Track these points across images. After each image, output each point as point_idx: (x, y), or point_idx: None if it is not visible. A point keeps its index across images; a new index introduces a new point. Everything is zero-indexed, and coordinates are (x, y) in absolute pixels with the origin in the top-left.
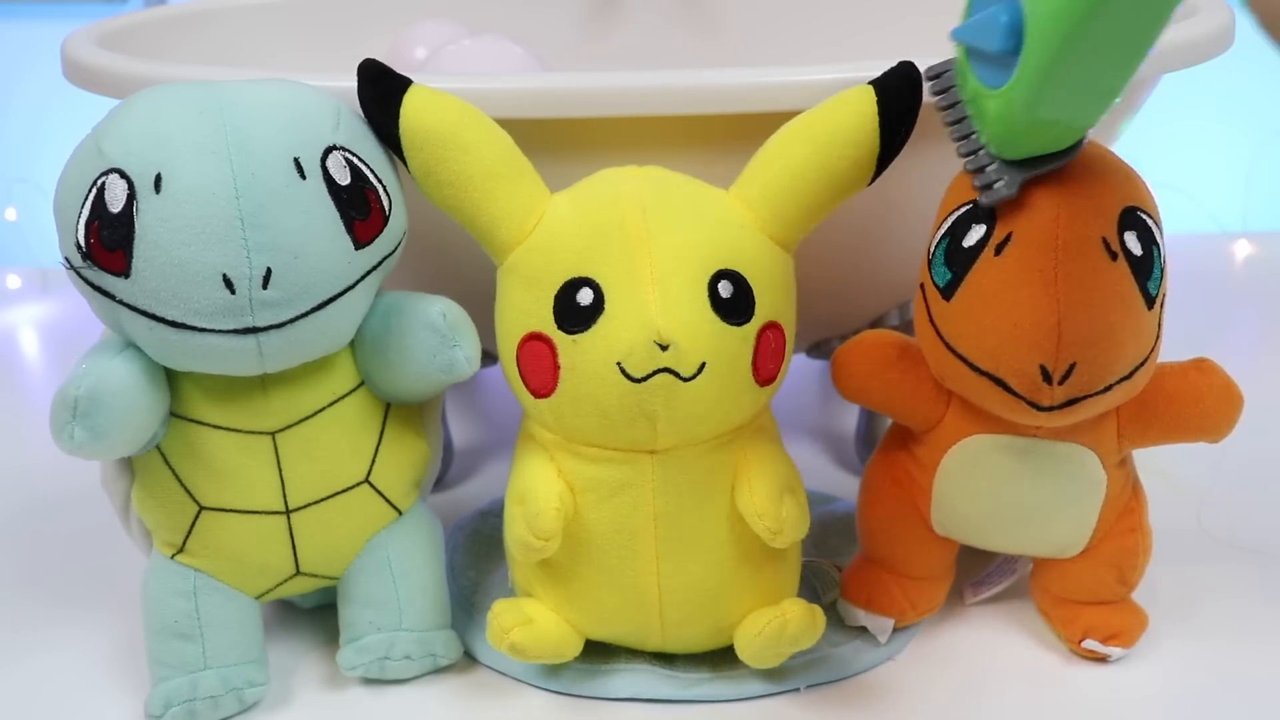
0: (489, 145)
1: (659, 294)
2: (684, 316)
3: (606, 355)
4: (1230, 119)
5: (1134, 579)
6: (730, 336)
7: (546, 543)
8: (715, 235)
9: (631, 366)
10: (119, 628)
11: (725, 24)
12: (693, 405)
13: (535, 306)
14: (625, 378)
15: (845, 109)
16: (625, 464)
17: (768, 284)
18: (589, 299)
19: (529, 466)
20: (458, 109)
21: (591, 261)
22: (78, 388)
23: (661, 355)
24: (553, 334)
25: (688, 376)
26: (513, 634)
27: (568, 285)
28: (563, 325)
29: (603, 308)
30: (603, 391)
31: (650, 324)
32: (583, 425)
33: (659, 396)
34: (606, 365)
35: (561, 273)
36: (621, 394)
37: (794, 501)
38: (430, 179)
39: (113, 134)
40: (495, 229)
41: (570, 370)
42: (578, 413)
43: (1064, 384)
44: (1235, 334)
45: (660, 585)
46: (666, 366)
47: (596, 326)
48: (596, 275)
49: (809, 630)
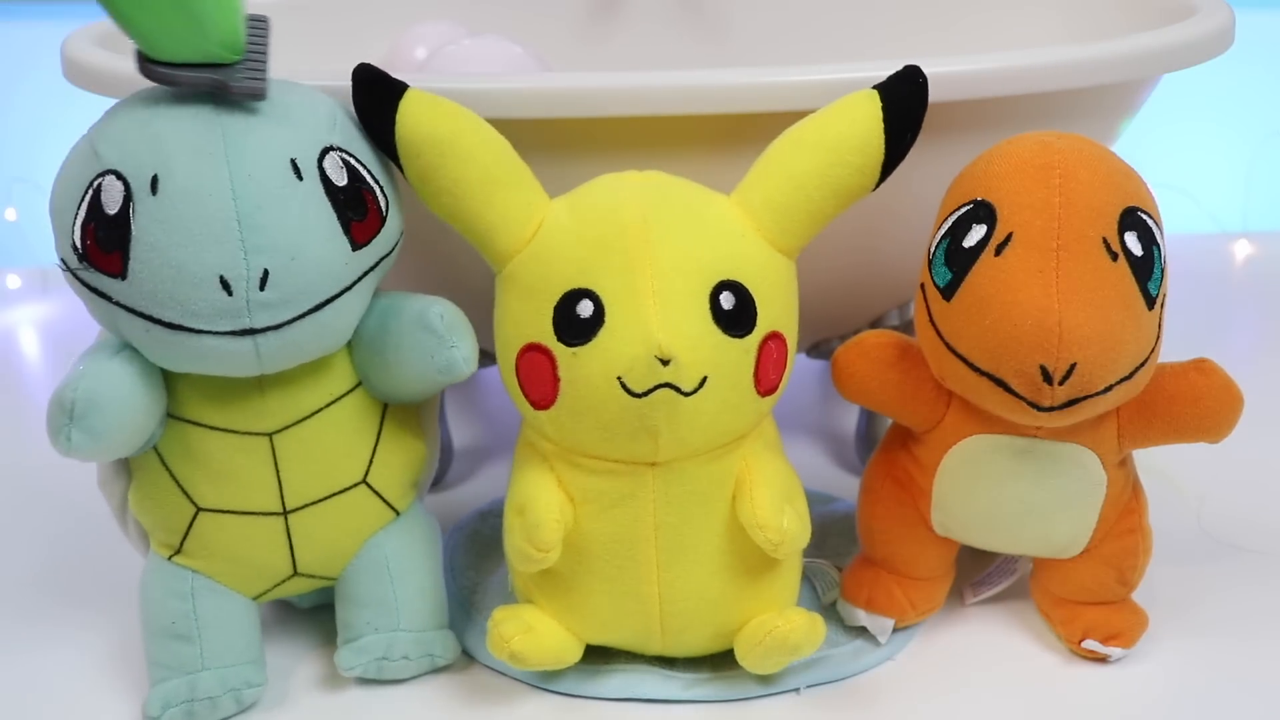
0: (487, 152)
1: (660, 307)
2: (685, 330)
3: (607, 369)
4: (1230, 119)
5: (1134, 579)
6: (732, 349)
7: (546, 554)
8: (717, 245)
9: (632, 381)
10: (117, 629)
11: (725, 24)
12: (694, 419)
13: (534, 317)
14: (626, 392)
15: (849, 114)
16: (626, 475)
17: (770, 293)
18: (589, 311)
19: (528, 477)
20: (454, 115)
21: (591, 273)
22: (74, 390)
23: (662, 370)
24: (552, 346)
25: (689, 391)
26: (513, 642)
27: (567, 296)
28: (562, 337)
29: (603, 320)
30: (603, 405)
31: (651, 338)
32: (583, 438)
33: (660, 411)
34: (607, 379)
35: (561, 283)
36: (622, 408)
37: (794, 512)
38: (427, 186)
39: (108, 135)
40: (493, 237)
41: (570, 383)
42: (578, 426)
43: (1064, 384)
44: (1235, 334)
45: (661, 594)
46: (667, 382)
47: (597, 340)
48: (596, 287)
49: (810, 639)
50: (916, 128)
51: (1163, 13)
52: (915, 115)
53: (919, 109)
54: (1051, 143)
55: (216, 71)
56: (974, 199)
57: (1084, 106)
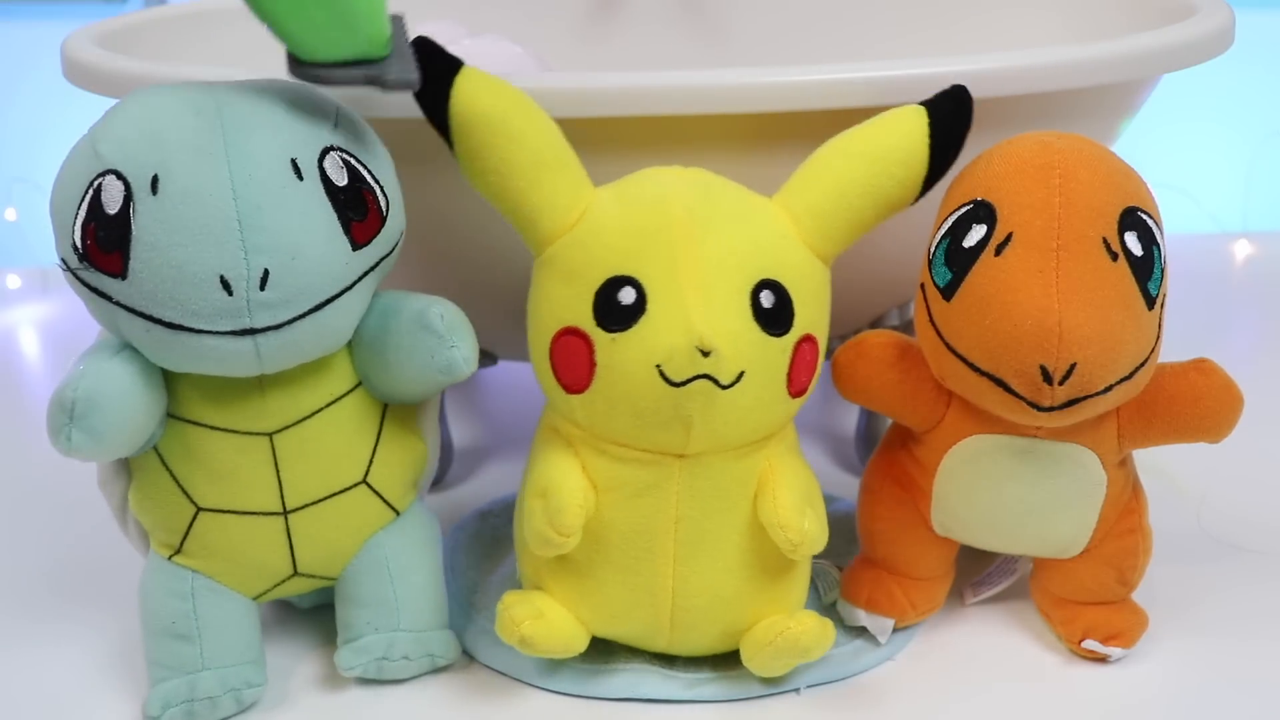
0: (537, 134)
1: (702, 299)
2: (726, 324)
3: (646, 357)
4: (1230, 119)
5: (1134, 579)
6: (769, 347)
7: (567, 539)
8: (760, 244)
9: (671, 370)
10: (117, 629)
11: (725, 24)
12: (728, 412)
13: (574, 301)
14: (664, 381)
15: (898, 128)
16: (652, 465)
17: (807, 296)
18: (631, 298)
19: (552, 460)
20: (509, 95)
21: (635, 260)
22: (74, 390)
23: (702, 361)
24: (591, 330)
25: (726, 384)
26: (524, 626)
27: (610, 283)
28: (602, 323)
29: (644, 308)
30: (639, 392)
31: (693, 329)
32: (614, 424)
33: (696, 402)
34: (645, 367)
35: (604, 269)
36: (658, 396)
37: (815, 515)
38: (475, 164)
39: (109, 135)
40: (538, 219)
41: (607, 368)
42: (611, 412)
43: (1064, 384)
44: (1235, 334)
45: (674, 588)
46: (706, 373)
47: (637, 327)
48: (640, 275)
49: (820, 642)
50: (960, 144)
51: (1163, 13)
52: (959, 132)
53: (963, 127)
54: (1051, 143)
55: (368, 68)
56: (974, 199)
57: (1084, 106)
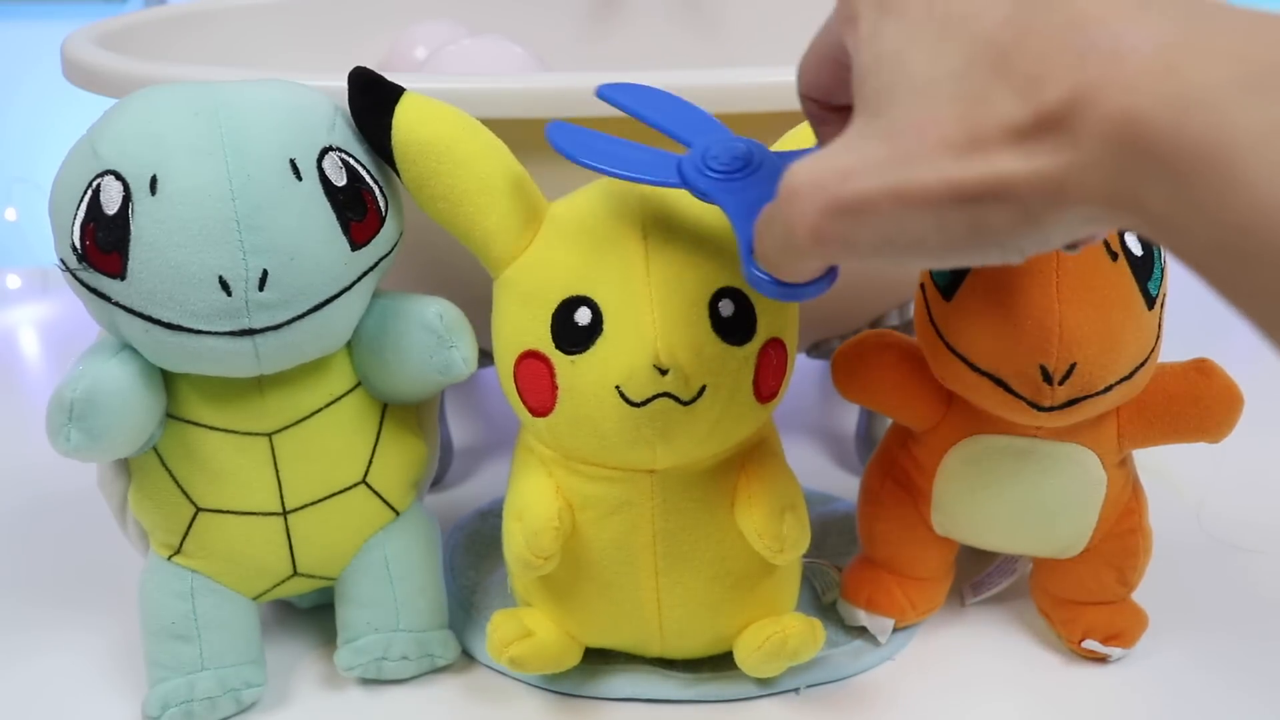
0: (484, 159)
1: (660, 315)
2: (684, 339)
3: (605, 378)
4: None
5: (1134, 579)
6: (731, 357)
7: (545, 561)
8: (716, 253)
9: (631, 390)
10: (116, 629)
11: (725, 24)
12: (693, 428)
13: (532, 324)
14: (624, 401)
15: None
16: (624, 482)
17: (768, 301)
18: (587, 319)
19: (527, 483)
20: (452, 120)
21: (590, 280)
22: (74, 390)
23: (661, 379)
24: (550, 353)
25: (687, 400)
26: (512, 648)
27: (565, 304)
28: (560, 345)
29: (601, 328)
30: (601, 414)
31: (650, 347)
32: (581, 445)
33: (658, 421)
34: (605, 388)
35: (559, 290)
36: (620, 417)
37: (795, 518)
38: (423, 192)
39: (108, 135)
40: (491, 243)
41: (568, 391)
42: (576, 433)
43: (1064, 384)
44: (1235, 334)
45: (660, 600)
46: (666, 391)
47: (595, 348)
48: (594, 294)
49: (809, 644)
50: None
51: None
52: None
53: None
54: None
55: None
56: None
57: None
